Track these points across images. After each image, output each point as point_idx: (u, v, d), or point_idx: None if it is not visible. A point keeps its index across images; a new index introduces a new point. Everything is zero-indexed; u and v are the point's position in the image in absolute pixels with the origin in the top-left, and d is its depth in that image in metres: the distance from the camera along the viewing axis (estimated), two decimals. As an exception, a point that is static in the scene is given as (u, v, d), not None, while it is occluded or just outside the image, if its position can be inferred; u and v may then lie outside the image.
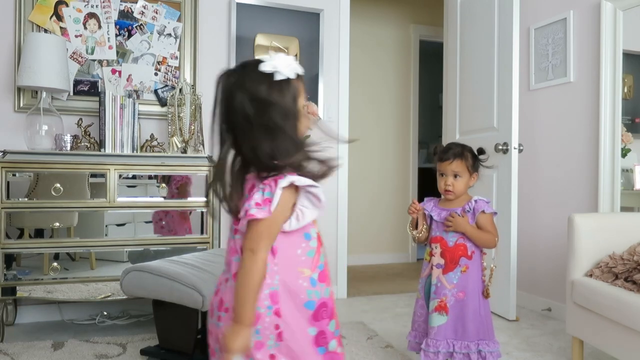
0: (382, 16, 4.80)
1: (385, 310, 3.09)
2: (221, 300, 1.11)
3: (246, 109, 1.04)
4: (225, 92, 1.08)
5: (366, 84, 4.70)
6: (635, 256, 1.96)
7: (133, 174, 2.55)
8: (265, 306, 1.06)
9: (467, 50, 3.36)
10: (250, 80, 1.05)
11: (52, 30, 2.74)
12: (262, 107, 1.04)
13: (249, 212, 1.03)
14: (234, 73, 1.09)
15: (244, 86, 1.05)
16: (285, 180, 1.03)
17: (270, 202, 1.03)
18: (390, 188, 4.83)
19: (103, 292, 2.48)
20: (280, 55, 1.06)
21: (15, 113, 2.69)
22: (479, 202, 1.90)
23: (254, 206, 1.03)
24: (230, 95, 1.06)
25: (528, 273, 3.16)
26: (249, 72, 1.07)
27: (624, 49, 2.67)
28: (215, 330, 1.12)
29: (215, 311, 1.13)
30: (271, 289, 1.07)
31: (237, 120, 1.06)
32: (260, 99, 1.04)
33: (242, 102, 1.04)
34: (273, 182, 1.04)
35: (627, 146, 2.70)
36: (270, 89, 1.04)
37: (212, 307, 1.15)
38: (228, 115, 1.07)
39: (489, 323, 1.90)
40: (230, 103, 1.06)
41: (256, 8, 3.14)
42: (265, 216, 1.02)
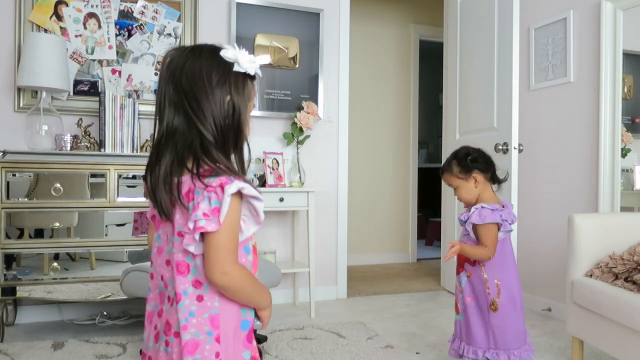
0: (382, 16, 4.80)
1: (385, 310, 3.09)
2: (168, 324, 0.98)
3: (197, 93, 0.95)
4: (176, 70, 0.98)
5: (366, 84, 4.70)
6: (635, 256, 1.96)
7: (133, 174, 2.55)
8: (204, 332, 0.95)
9: (467, 50, 3.36)
10: (207, 63, 0.97)
11: (52, 30, 2.74)
12: (214, 95, 0.96)
13: (197, 224, 0.90)
14: (188, 53, 0.99)
15: (198, 67, 0.96)
16: (234, 185, 0.91)
17: (219, 212, 0.91)
18: (390, 188, 4.83)
19: (103, 292, 2.48)
20: (242, 50, 0.99)
21: (15, 113, 2.69)
22: (475, 212, 1.81)
23: (201, 217, 0.90)
24: (181, 74, 0.97)
25: (528, 273, 3.16)
26: (207, 55, 0.98)
27: (624, 49, 2.67)
28: (160, 356, 0.99)
29: (162, 336, 0.99)
30: (211, 312, 0.96)
31: (184, 103, 0.96)
32: (214, 85, 0.96)
33: (194, 84, 0.96)
34: (219, 189, 0.91)
35: (627, 146, 2.70)
36: (225, 78, 0.97)
37: (153, 332, 1.03)
38: (177, 95, 0.97)
39: (504, 335, 1.82)
40: (180, 83, 0.96)
41: (256, 8, 3.14)
42: (216, 228, 0.90)
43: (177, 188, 0.95)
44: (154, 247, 1.04)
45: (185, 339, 0.94)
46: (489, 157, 1.89)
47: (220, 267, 0.92)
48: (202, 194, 0.92)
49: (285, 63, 3.21)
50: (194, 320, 0.95)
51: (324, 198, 3.30)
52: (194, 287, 0.96)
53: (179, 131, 0.96)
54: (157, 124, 0.99)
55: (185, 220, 0.94)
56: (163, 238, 1.02)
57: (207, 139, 0.95)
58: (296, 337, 2.52)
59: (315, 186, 3.18)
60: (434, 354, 2.34)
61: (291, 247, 3.26)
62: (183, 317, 0.95)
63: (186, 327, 0.94)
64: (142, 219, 2.59)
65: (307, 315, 2.94)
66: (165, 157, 0.96)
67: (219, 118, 0.96)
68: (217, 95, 0.96)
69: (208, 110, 0.95)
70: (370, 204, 4.72)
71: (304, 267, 2.97)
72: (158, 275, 1.03)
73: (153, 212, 1.05)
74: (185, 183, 0.95)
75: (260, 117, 3.14)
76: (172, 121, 0.97)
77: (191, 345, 0.94)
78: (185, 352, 0.94)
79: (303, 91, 3.24)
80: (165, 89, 0.98)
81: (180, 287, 0.95)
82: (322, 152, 3.30)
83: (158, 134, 0.99)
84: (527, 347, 1.88)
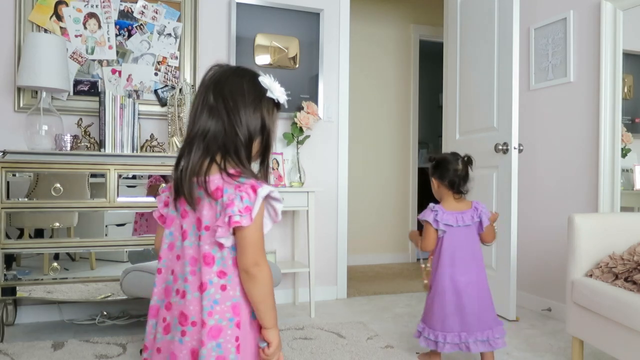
0: (382, 16, 4.80)
1: (385, 310, 3.09)
2: (183, 314, 1.06)
3: (236, 103, 1.08)
4: (219, 81, 1.11)
5: (366, 83, 4.70)
6: (635, 256, 1.96)
7: (133, 174, 2.55)
8: (227, 318, 1.05)
9: (467, 50, 3.36)
10: (248, 83, 1.11)
11: (52, 30, 2.74)
12: (250, 109, 1.09)
13: (233, 219, 1.01)
14: (232, 70, 1.14)
15: (239, 83, 1.10)
16: (265, 189, 1.05)
17: (250, 211, 1.02)
18: (390, 188, 4.84)
19: (103, 292, 2.48)
20: (276, 81, 1.14)
21: (15, 113, 2.69)
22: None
23: (237, 213, 1.01)
24: (224, 85, 1.10)
25: (528, 273, 3.16)
26: (249, 76, 1.13)
27: (624, 49, 2.67)
28: (173, 347, 1.07)
29: (177, 326, 1.07)
30: (233, 300, 1.07)
31: (222, 109, 1.08)
32: (251, 101, 1.10)
33: (234, 95, 1.09)
34: (251, 190, 1.03)
35: (627, 146, 2.70)
36: (260, 99, 1.11)
37: (161, 324, 1.10)
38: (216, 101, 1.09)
39: (429, 314, 2.11)
40: (222, 92, 1.09)
41: (256, 8, 3.14)
42: (249, 224, 1.02)
43: (204, 185, 1.05)
44: (165, 243, 1.13)
45: (210, 324, 1.04)
46: (450, 168, 2.09)
47: (253, 258, 1.04)
48: (233, 192, 1.03)
49: (285, 63, 3.21)
50: (217, 308, 1.05)
51: (324, 198, 3.30)
52: (219, 277, 1.06)
53: (211, 134, 1.07)
54: (191, 124, 1.10)
55: (212, 215, 1.06)
56: (175, 235, 1.11)
57: (238, 143, 1.07)
58: (296, 337, 2.52)
59: (315, 186, 3.18)
60: (434, 354, 2.34)
61: (291, 247, 3.26)
62: (208, 305, 1.04)
63: (211, 313, 1.04)
64: (141, 220, 2.59)
65: (307, 315, 2.94)
66: (195, 155, 1.07)
67: (250, 129, 1.09)
68: (252, 110, 1.09)
69: (244, 119, 1.08)
70: (370, 203, 4.72)
71: (304, 267, 2.97)
72: (168, 270, 1.12)
73: (161, 212, 1.16)
74: (213, 181, 1.06)
75: (260, 117, 3.13)
76: (206, 124, 1.08)
77: (215, 330, 1.04)
78: (210, 337, 1.03)
79: (303, 91, 3.24)
80: (205, 95, 1.10)
81: (206, 277, 1.05)
82: (322, 152, 3.30)
83: (190, 134, 1.10)
84: (450, 336, 2.04)
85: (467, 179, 2.10)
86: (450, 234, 2.07)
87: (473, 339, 2.02)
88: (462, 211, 2.09)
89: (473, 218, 2.09)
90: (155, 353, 1.11)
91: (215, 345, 1.03)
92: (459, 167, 2.09)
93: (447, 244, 2.08)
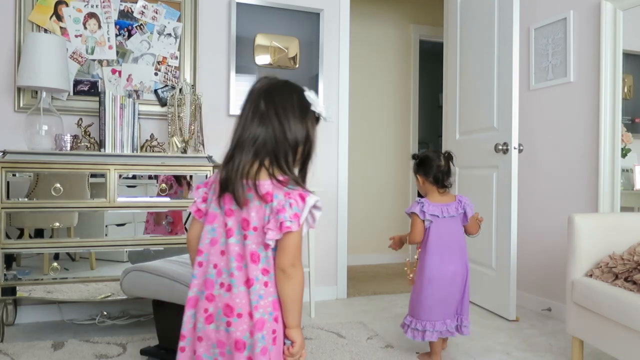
0: (382, 16, 4.80)
1: (385, 310, 3.09)
2: (228, 306, 1.14)
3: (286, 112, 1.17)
4: (270, 90, 1.19)
5: (366, 84, 4.70)
6: (635, 256, 1.96)
7: (133, 174, 2.55)
8: (268, 312, 1.14)
9: (467, 50, 3.36)
10: (297, 95, 1.21)
11: (52, 30, 2.74)
12: (298, 119, 1.18)
13: (285, 224, 1.10)
14: (283, 82, 1.23)
15: (290, 94, 1.20)
16: (312, 199, 1.14)
17: (298, 217, 1.12)
18: (390, 188, 4.84)
19: (103, 292, 2.48)
20: (319, 97, 1.22)
21: (15, 113, 2.69)
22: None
23: (289, 219, 1.11)
24: (275, 94, 1.19)
25: (528, 273, 3.16)
26: (298, 90, 1.22)
27: (624, 49, 2.67)
28: (219, 335, 1.16)
29: (222, 317, 1.15)
30: (273, 296, 1.16)
31: (272, 116, 1.16)
32: (300, 112, 1.19)
33: (285, 104, 1.18)
34: (299, 198, 1.13)
35: (627, 146, 2.70)
36: (307, 111, 1.20)
37: (203, 314, 1.17)
38: (267, 108, 1.17)
39: (416, 305, 2.20)
40: (273, 100, 1.18)
41: (256, 8, 3.14)
42: (297, 229, 1.12)
43: (254, 188, 1.14)
44: (207, 238, 1.19)
45: (256, 317, 1.13)
46: (433, 165, 2.22)
47: (291, 260, 1.15)
48: (283, 199, 1.13)
49: (285, 63, 3.21)
50: (262, 302, 1.14)
51: (324, 198, 3.30)
52: (263, 274, 1.15)
53: (260, 140, 1.15)
54: (240, 129, 1.18)
55: (261, 217, 1.14)
56: (218, 231, 1.19)
57: (287, 150, 1.17)
58: (296, 337, 2.52)
59: (315, 186, 3.18)
60: (434, 354, 2.34)
61: (291, 247, 3.25)
62: (255, 299, 1.13)
63: (257, 307, 1.13)
64: (152, 219, 2.60)
65: (307, 315, 2.94)
66: (245, 158, 1.15)
67: (297, 138, 1.18)
68: (300, 120, 1.18)
69: (292, 128, 1.17)
70: (370, 203, 4.72)
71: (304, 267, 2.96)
72: (210, 264, 1.18)
73: (198, 207, 1.24)
74: (263, 185, 1.14)
75: (260, 117, 3.13)
76: (256, 131, 1.16)
77: (260, 323, 1.13)
78: (256, 329, 1.12)
79: (303, 91, 3.23)
80: (256, 103, 1.18)
81: (253, 273, 1.14)
82: (322, 152, 3.30)
83: (240, 138, 1.18)
84: (438, 324, 2.15)
85: (449, 173, 2.23)
86: (436, 224, 2.18)
87: (454, 324, 2.19)
88: (447, 203, 2.21)
89: (457, 209, 2.21)
90: (196, 341, 1.18)
91: (261, 337, 1.12)
92: (441, 163, 2.22)
93: (434, 234, 2.18)
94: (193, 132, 2.79)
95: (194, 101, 2.82)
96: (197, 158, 2.65)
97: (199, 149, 2.80)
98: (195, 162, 2.62)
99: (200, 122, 2.83)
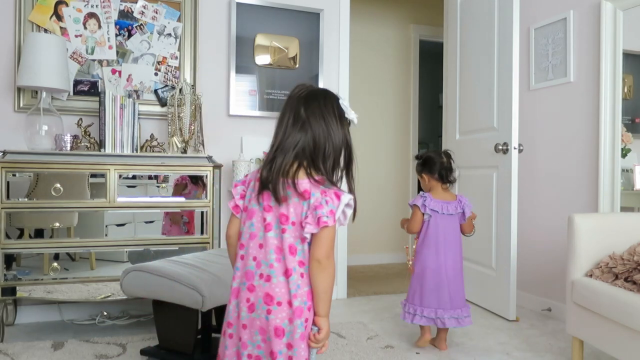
0: (382, 16, 4.80)
1: (385, 310, 3.09)
2: (268, 295, 1.24)
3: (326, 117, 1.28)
4: (309, 98, 1.30)
5: (366, 84, 4.70)
6: (635, 256, 1.96)
7: (133, 174, 2.55)
8: (303, 301, 1.24)
9: (467, 50, 3.36)
10: (335, 102, 1.32)
11: (52, 30, 2.74)
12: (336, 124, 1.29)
13: (322, 219, 1.21)
14: (321, 90, 1.35)
15: (330, 102, 1.32)
16: (346, 197, 1.24)
17: (334, 214, 1.22)
18: (390, 188, 4.84)
19: (103, 292, 2.48)
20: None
21: (15, 113, 2.69)
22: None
23: (325, 215, 1.21)
24: (314, 101, 1.30)
25: (528, 273, 3.16)
26: (335, 98, 1.34)
27: (624, 49, 2.67)
28: (260, 322, 1.25)
29: (262, 306, 1.24)
30: (308, 287, 1.25)
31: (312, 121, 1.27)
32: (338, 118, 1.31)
33: (324, 110, 1.29)
34: (334, 196, 1.23)
35: (627, 146, 2.70)
36: (342, 118, 1.32)
37: (245, 304, 1.26)
38: (306, 114, 1.28)
39: (411, 291, 2.42)
40: (311, 107, 1.29)
41: (256, 8, 3.14)
42: (333, 224, 1.22)
43: (293, 186, 1.23)
44: (247, 233, 1.29)
45: (296, 305, 1.23)
46: (437, 163, 2.39)
47: (326, 252, 1.24)
48: (320, 196, 1.23)
49: (285, 63, 3.21)
50: (299, 292, 1.24)
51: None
52: (299, 266, 1.24)
53: (300, 144, 1.26)
54: (281, 134, 1.28)
55: (299, 212, 1.24)
56: (257, 226, 1.28)
57: (325, 153, 1.27)
58: (296, 337, 2.52)
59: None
60: (434, 354, 2.34)
61: (291, 247, 3.25)
62: (294, 288, 1.23)
63: (296, 296, 1.23)
64: (168, 219, 2.61)
65: (307, 315, 2.94)
66: (285, 159, 1.25)
67: (336, 142, 1.28)
68: (337, 126, 1.29)
69: (331, 133, 1.28)
70: (370, 203, 4.72)
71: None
72: (249, 256, 1.28)
73: (236, 203, 1.33)
74: (301, 184, 1.24)
75: (260, 117, 3.14)
76: (297, 135, 1.26)
77: (299, 310, 1.23)
78: (295, 316, 1.22)
79: (303, 91, 3.23)
80: (296, 110, 1.28)
81: (291, 264, 1.24)
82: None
83: (281, 142, 1.27)
84: (427, 311, 2.34)
85: (452, 169, 2.41)
86: (434, 219, 2.36)
87: (448, 315, 2.32)
88: (448, 201, 2.38)
89: (457, 208, 2.38)
90: (241, 329, 1.27)
91: (300, 324, 1.23)
92: (443, 160, 2.40)
93: (432, 228, 2.36)
94: (193, 132, 2.79)
95: (194, 101, 2.82)
96: (197, 158, 2.65)
97: (199, 149, 2.81)
98: (195, 162, 2.62)
99: (200, 122, 2.83)
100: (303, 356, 1.24)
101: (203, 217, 2.62)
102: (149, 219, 2.61)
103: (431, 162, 2.41)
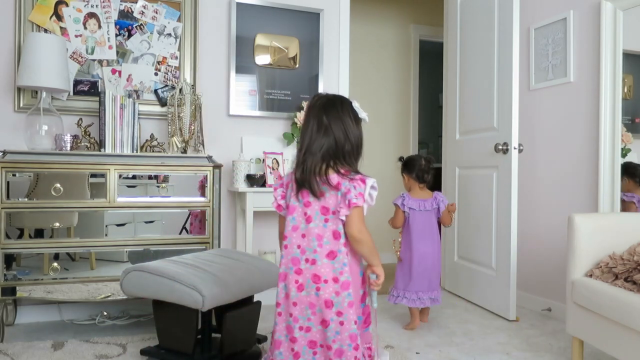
0: (382, 16, 4.80)
1: (385, 310, 3.09)
2: (316, 276, 1.52)
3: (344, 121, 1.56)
4: (327, 106, 1.57)
5: (366, 84, 4.70)
6: (635, 256, 1.96)
7: (133, 174, 2.55)
8: (357, 272, 1.57)
9: (467, 50, 3.36)
10: (350, 107, 1.61)
11: (52, 30, 2.74)
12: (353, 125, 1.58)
13: (352, 201, 1.48)
14: (338, 97, 1.62)
15: (346, 108, 1.59)
16: (370, 181, 1.52)
17: (362, 195, 1.50)
18: (390, 188, 4.83)
19: (103, 292, 2.48)
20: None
21: (15, 113, 2.69)
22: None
23: (355, 197, 1.48)
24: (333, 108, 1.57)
25: (528, 273, 3.16)
26: (349, 103, 1.62)
27: (624, 49, 2.67)
28: (310, 299, 1.53)
29: (311, 285, 1.52)
30: (351, 264, 1.54)
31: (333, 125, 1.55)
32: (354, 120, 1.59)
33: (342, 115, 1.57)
34: (360, 181, 1.51)
35: (627, 146, 2.70)
36: (357, 119, 1.62)
37: (294, 285, 1.53)
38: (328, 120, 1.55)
39: (397, 278, 2.78)
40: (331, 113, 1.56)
41: (256, 8, 3.14)
42: (362, 204, 1.49)
43: (327, 182, 1.51)
44: (289, 226, 1.56)
45: (342, 280, 1.51)
46: (416, 165, 2.73)
47: (358, 227, 1.52)
48: (349, 184, 1.50)
49: (285, 63, 3.21)
50: (346, 268, 1.52)
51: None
52: (344, 247, 1.53)
53: (325, 147, 1.53)
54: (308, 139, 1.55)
55: (336, 202, 1.52)
56: (298, 219, 1.56)
57: (346, 150, 1.55)
58: (296, 337, 2.52)
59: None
60: (434, 354, 2.34)
61: (291, 247, 3.25)
62: (339, 266, 1.52)
63: (342, 272, 1.52)
64: (196, 222, 2.64)
65: (307, 315, 2.94)
66: (314, 161, 1.52)
67: (354, 139, 1.57)
68: (354, 126, 1.58)
69: (350, 133, 1.56)
70: (370, 204, 4.71)
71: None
72: (293, 245, 1.56)
73: (278, 203, 1.63)
74: (333, 178, 1.52)
75: (260, 117, 3.14)
76: (322, 140, 1.54)
77: (346, 284, 1.52)
78: (343, 289, 1.51)
79: (303, 91, 3.24)
80: (319, 117, 1.55)
81: (336, 247, 1.53)
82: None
83: (309, 146, 1.54)
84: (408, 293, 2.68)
85: (429, 172, 2.74)
86: (413, 215, 2.71)
87: (427, 296, 2.67)
88: (425, 199, 2.72)
89: (432, 205, 2.72)
90: (291, 306, 1.54)
91: (347, 294, 1.51)
92: (422, 163, 2.74)
93: (412, 223, 2.71)
94: (193, 132, 2.79)
95: (194, 101, 2.82)
96: (197, 158, 2.65)
97: (199, 149, 2.80)
98: (195, 162, 2.62)
99: (200, 122, 2.83)
100: (352, 319, 1.51)
101: (203, 217, 2.62)
102: (149, 219, 2.61)
103: (411, 164, 2.76)
